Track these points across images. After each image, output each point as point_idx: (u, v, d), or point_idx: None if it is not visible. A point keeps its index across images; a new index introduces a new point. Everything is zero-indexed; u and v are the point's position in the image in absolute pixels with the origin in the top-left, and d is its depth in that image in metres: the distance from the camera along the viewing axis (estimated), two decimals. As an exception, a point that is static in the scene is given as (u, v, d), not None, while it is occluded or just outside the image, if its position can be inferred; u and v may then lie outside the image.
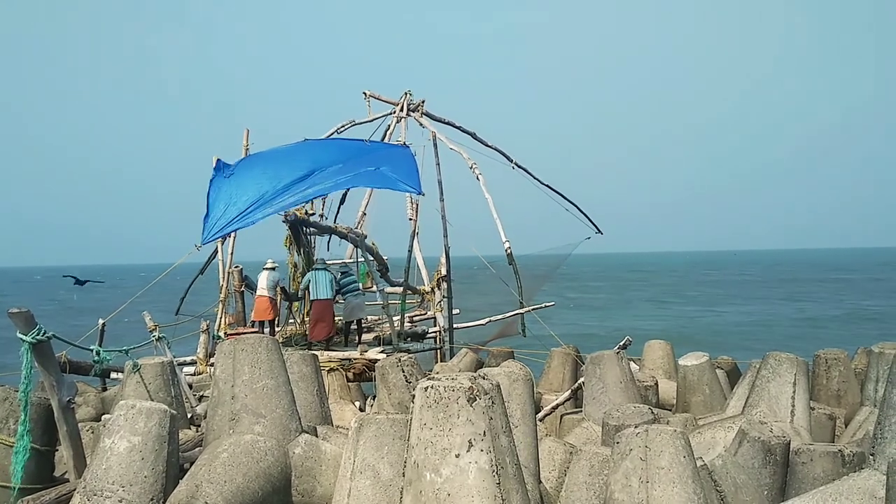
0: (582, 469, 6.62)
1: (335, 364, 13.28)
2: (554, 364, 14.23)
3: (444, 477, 4.59)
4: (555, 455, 7.94)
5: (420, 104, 19.25)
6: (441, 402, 4.71)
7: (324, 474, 6.72)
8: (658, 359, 14.53)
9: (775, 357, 9.40)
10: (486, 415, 4.72)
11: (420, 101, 19.27)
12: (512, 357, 15.13)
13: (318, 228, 16.14)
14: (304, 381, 8.31)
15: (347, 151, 15.37)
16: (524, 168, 19.70)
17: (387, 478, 5.76)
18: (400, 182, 14.30)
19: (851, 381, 12.22)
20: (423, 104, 19.25)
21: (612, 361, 10.23)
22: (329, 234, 16.59)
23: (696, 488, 5.40)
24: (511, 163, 19.58)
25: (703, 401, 11.63)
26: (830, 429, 10.75)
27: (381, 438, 5.90)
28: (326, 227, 16.26)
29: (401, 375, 9.48)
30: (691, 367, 11.78)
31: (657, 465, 5.37)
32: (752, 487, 7.05)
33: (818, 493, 5.52)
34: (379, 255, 17.28)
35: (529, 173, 19.72)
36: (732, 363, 15.20)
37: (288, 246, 15.71)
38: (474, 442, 4.64)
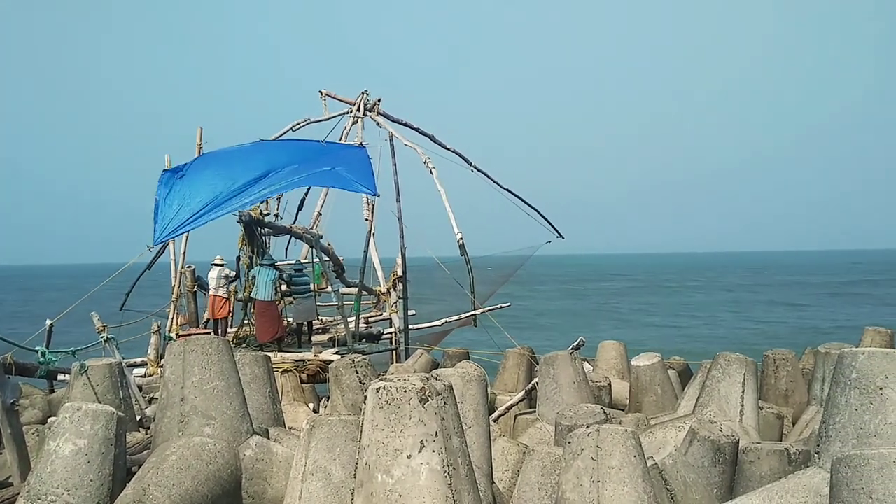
0: (534, 469, 6.64)
1: (289, 365, 13.18)
2: (509, 365, 14.29)
3: (395, 478, 4.57)
4: (508, 455, 7.96)
5: (376, 103, 19.17)
6: (393, 402, 4.68)
7: (275, 476, 6.65)
8: (611, 359, 14.67)
9: (725, 357, 9.56)
10: (438, 416, 4.71)
11: (376, 101, 19.18)
12: (467, 358, 15.17)
13: (273, 228, 15.98)
14: (256, 383, 8.21)
15: (303, 152, 15.26)
16: (483, 171, 19.68)
17: (339, 479, 5.71)
18: (355, 183, 14.25)
19: (799, 380, 12.47)
20: (379, 103, 19.16)
21: (565, 362, 10.30)
22: (284, 234, 16.43)
23: (646, 487, 5.45)
24: (470, 166, 19.55)
25: (655, 401, 11.76)
26: (778, 428, 10.95)
27: (333, 440, 5.84)
28: (281, 227, 16.12)
29: (355, 377, 9.44)
30: (643, 367, 11.91)
31: (608, 464, 5.41)
32: (701, 486, 7.15)
33: (764, 490, 5.60)
34: (335, 255, 17.18)
35: (489, 177, 19.72)
36: (684, 363, 15.42)
37: (242, 246, 15.53)
38: (426, 443, 4.63)
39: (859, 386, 5.41)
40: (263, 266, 14.63)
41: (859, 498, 4.34)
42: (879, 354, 5.50)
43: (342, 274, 17.27)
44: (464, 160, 19.53)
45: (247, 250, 15.34)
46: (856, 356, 5.52)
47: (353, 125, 18.92)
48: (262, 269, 14.56)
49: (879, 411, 5.30)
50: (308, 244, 16.91)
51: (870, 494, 4.32)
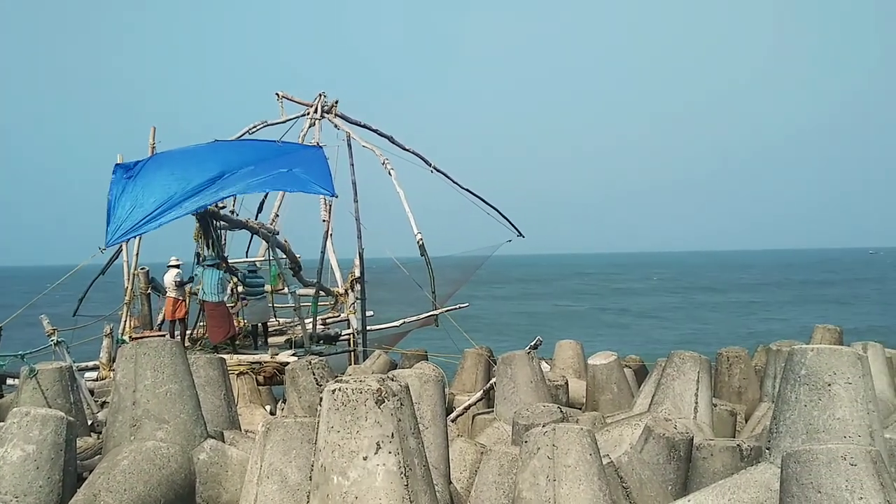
0: (491, 469, 6.66)
1: (245, 368, 13.04)
2: (467, 365, 14.31)
3: (351, 480, 4.54)
4: (466, 455, 7.96)
5: (334, 105, 18.98)
6: (349, 404, 4.66)
7: (230, 480, 6.57)
8: (568, 358, 14.77)
9: (679, 356, 9.68)
10: (394, 416, 4.69)
11: (334, 102, 18.99)
12: (425, 359, 15.16)
13: (229, 222, 15.64)
14: (210, 386, 8.11)
15: (259, 153, 15.09)
16: (443, 172, 19.66)
17: (294, 482, 5.66)
18: (313, 184, 14.12)
19: (752, 378, 12.69)
20: (336, 105, 18.99)
21: (522, 362, 10.34)
22: (240, 228, 16.12)
23: (601, 485, 5.50)
24: (430, 167, 19.51)
25: (611, 399, 11.87)
26: (732, 424, 11.11)
27: (288, 442, 5.80)
28: (237, 221, 15.79)
29: (311, 378, 9.37)
30: (600, 366, 12.02)
31: (564, 463, 5.45)
32: (656, 483, 7.23)
33: (717, 486, 5.69)
34: (292, 252, 16.95)
35: (448, 177, 19.71)
36: (640, 362, 15.59)
37: (197, 239, 15.22)
38: (382, 444, 4.61)
39: (808, 382, 5.52)
40: (209, 266, 14.44)
41: (808, 492, 4.43)
42: (828, 351, 5.62)
43: (299, 272, 17.04)
44: (423, 161, 19.49)
45: (202, 243, 15.07)
46: (805, 353, 5.64)
47: (310, 127, 18.72)
48: (208, 269, 14.37)
49: (828, 407, 5.41)
50: (264, 240, 16.63)
51: (818, 489, 4.41)
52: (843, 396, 5.41)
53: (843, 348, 5.72)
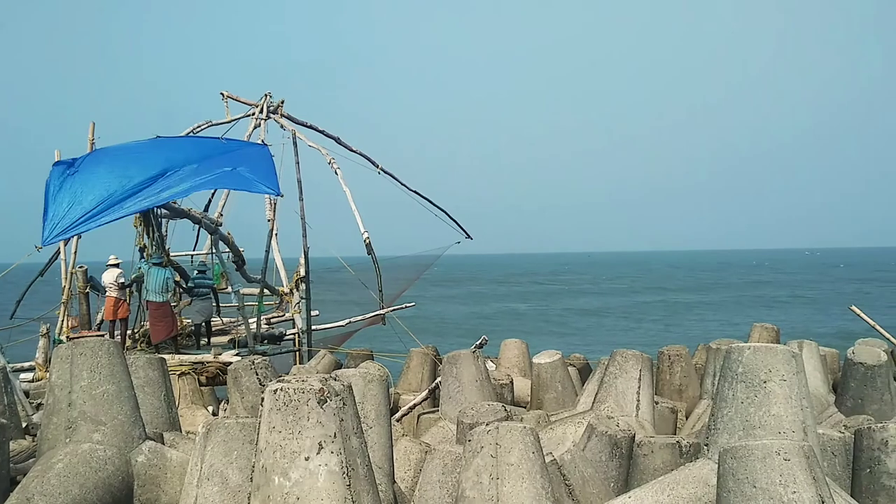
0: (435, 468, 6.67)
1: (187, 368, 12.84)
2: (413, 364, 14.30)
3: (292, 481, 4.50)
4: (410, 455, 7.96)
5: (280, 105, 18.73)
6: (291, 404, 4.61)
7: (169, 482, 6.45)
8: (514, 357, 14.85)
9: (622, 354, 9.82)
10: (336, 416, 4.66)
11: (280, 102, 18.73)
12: (371, 358, 15.10)
13: (171, 211, 15.22)
14: (150, 386, 7.95)
15: (203, 150, 14.82)
16: (390, 174, 19.63)
17: (235, 484, 5.58)
18: (258, 183, 13.93)
19: (692, 375, 12.93)
20: (282, 105, 18.73)
21: (468, 361, 10.37)
22: (182, 217, 15.73)
23: (544, 483, 5.54)
24: (377, 168, 19.45)
25: (555, 397, 11.97)
26: (673, 421, 11.32)
27: (229, 443, 5.71)
28: (179, 210, 15.37)
29: (254, 378, 9.26)
30: (544, 364, 12.11)
31: (507, 461, 5.47)
32: (598, 480, 7.32)
33: (657, 482, 5.78)
34: (235, 246, 16.63)
35: (396, 179, 19.69)
36: (584, 360, 15.77)
37: (138, 227, 14.86)
38: (324, 444, 4.57)
39: (745, 380, 5.64)
40: (154, 265, 14.18)
41: (743, 487, 4.52)
42: (764, 349, 5.74)
43: (242, 266, 16.75)
44: (370, 162, 19.42)
45: (141, 231, 14.69)
46: (742, 351, 5.76)
47: (255, 128, 18.45)
48: (153, 268, 14.11)
49: (763, 404, 5.53)
50: (206, 230, 16.29)
51: (753, 483, 4.50)
52: (778, 393, 5.54)
53: (779, 346, 5.86)
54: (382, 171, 19.43)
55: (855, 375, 10.33)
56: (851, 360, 10.49)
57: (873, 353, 10.50)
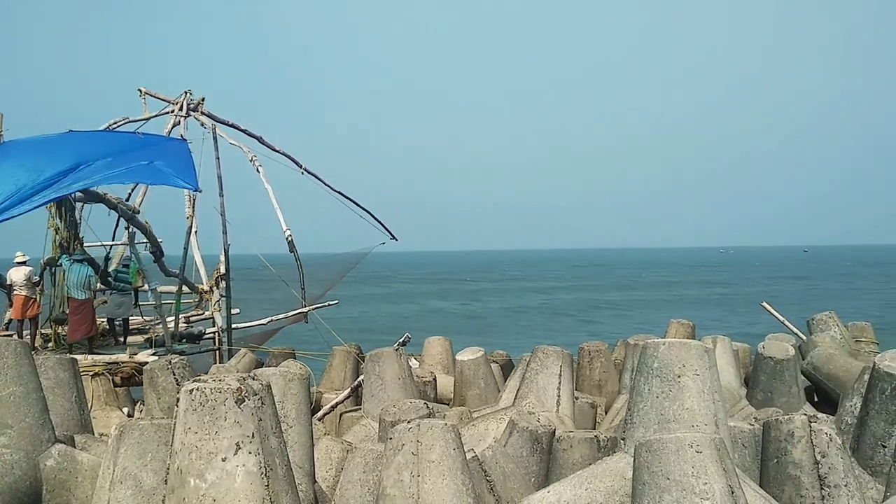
0: (357, 466, 6.63)
1: (100, 368, 12.43)
2: (335, 363, 14.18)
3: (209, 482, 4.41)
4: (332, 454, 7.89)
5: (200, 102, 18.30)
6: (207, 404, 4.52)
7: (80, 486, 6.24)
8: (437, 354, 14.88)
9: (543, 350, 9.93)
10: (255, 416, 4.59)
11: (200, 99, 18.30)
12: (293, 357, 14.92)
13: (86, 194, 14.69)
14: (60, 388, 7.68)
15: (117, 144, 14.42)
16: (314, 174, 19.45)
17: (150, 486, 5.45)
18: (175, 178, 13.61)
19: (611, 371, 13.20)
20: (203, 102, 18.31)
21: (390, 358, 10.35)
22: (97, 202, 15.15)
23: (464, 480, 5.56)
24: (300, 168, 19.26)
25: (478, 394, 12.04)
26: (592, 416, 11.52)
27: (144, 445, 5.57)
28: (94, 194, 14.79)
29: (171, 378, 9.03)
30: (467, 361, 12.16)
31: (428, 458, 5.48)
32: (519, 475, 7.39)
33: (575, 477, 5.87)
34: (153, 235, 16.13)
35: (320, 179, 19.52)
36: (507, 357, 15.90)
37: (51, 209, 14.29)
38: (242, 444, 4.50)
39: (660, 374, 5.77)
40: (76, 261, 13.74)
41: (657, 479, 4.62)
42: (678, 345, 5.89)
43: (161, 258, 16.29)
44: (294, 162, 19.22)
45: (53, 214, 14.13)
46: (657, 347, 5.90)
47: (174, 125, 17.99)
48: (75, 264, 13.68)
49: (678, 398, 5.67)
50: (123, 217, 15.71)
51: (667, 475, 4.61)
52: (691, 388, 5.69)
53: (692, 342, 6.02)
54: (306, 172, 19.26)
55: (765, 369, 10.69)
56: (761, 354, 10.86)
57: (782, 347, 10.90)
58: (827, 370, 11.76)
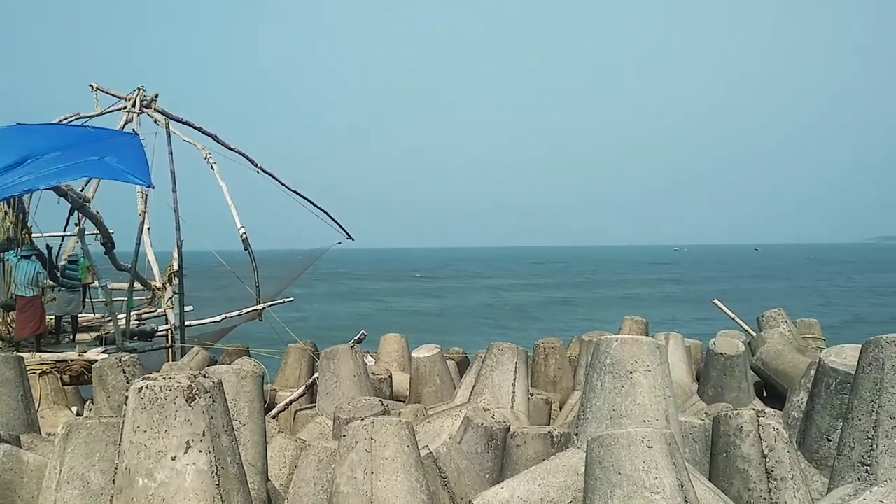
0: (310, 464, 6.59)
1: (48, 367, 12.18)
2: (290, 360, 14.09)
3: (158, 482, 4.35)
4: (286, 452, 7.83)
5: (153, 99, 17.97)
6: (157, 402, 4.45)
7: (25, 487, 6.10)
8: (393, 352, 14.85)
9: (498, 347, 9.97)
10: (206, 414, 4.53)
11: (154, 96, 17.97)
12: (247, 354, 14.77)
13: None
14: (5, 386, 7.50)
15: (68, 138, 14.06)
16: (270, 173, 19.29)
17: (98, 486, 5.35)
18: (127, 173, 13.34)
19: (566, 367, 13.30)
20: (156, 99, 17.99)
21: (346, 356, 10.30)
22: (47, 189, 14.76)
23: (418, 476, 5.57)
24: (256, 167, 19.08)
25: (434, 391, 12.04)
26: (547, 412, 11.59)
27: (91, 445, 5.46)
28: None
29: (122, 377, 8.87)
30: (423, 358, 12.15)
31: (382, 455, 5.47)
32: (474, 471, 7.41)
33: (529, 472, 5.91)
34: (104, 226, 15.76)
35: (276, 178, 19.37)
36: (463, 354, 15.92)
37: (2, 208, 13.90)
38: (192, 443, 4.44)
39: (613, 371, 5.84)
40: (23, 257, 13.43)
41: (609, 474, 4.67)
42: (630, 341, 5.96)
43: (112, 250, 15.96)
44: (249, 161, 19.03)
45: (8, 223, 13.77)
46: (610, 343, 5.96)
47: (127, 123, 17.65)
48: (23, 260, 13.37)
49: (629, 393, 5.75)
50: (74, 205, 15.38)
51: (618, 470, 4.66)
52: (643, 383, 5.76)
53: (644, 338, 6.09)
54: (261, 171, 19.10)
55: (715, 365, 10.87)
56: (712, 350, 11.03)
57: (732, 344, 11.08)
58: (775, 366, 11.99)
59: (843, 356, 7.46)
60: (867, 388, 4.57)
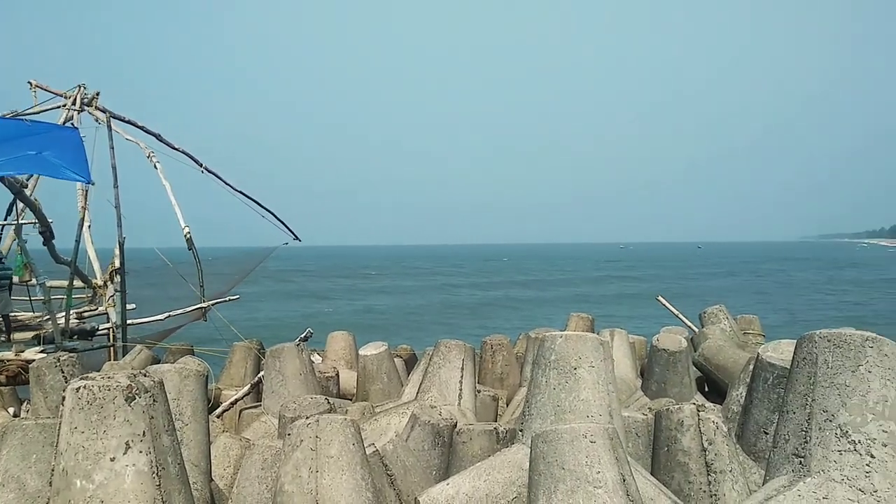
0: (254, 463, 6.52)
1: (-17, 367, 11.85)
2: (236, 359, 13.92)
3: (96, 483, 4.26)
4: (230, 451, 7.76)
5: (94, 97, 17.58)
6: (95, 402, 4.36)
7: (-42, 491, 5.93)
8: (340, 349, 14.79)
9: (445, 344, 10.00)
10: (146, 414, 4.46)
11: (95, 94, 17.58)
12: (191, 353, 14.55)
13: None
14: (-62, 388, 7.29)
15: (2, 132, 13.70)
16: (214, 173, 19.05)
17: (34, 489, 5.23)
18: (66, 169, 13.04)
19: (513, 364, 13.38)
20: (97, 97, 17.59)
21: (291, 354, 10.22)
22: None
23: (364, 474, 5.55)
24: (200, 167, 18.82)
25: (381, 389, 12.03)
26: (494, 409, 11.66)
27: (28, 446, 5.33)
28: None
29: (60, 377, 8.65)
30: (370, 356, 12.14)
31: (327, 454, 5.44)
32: (420, 468, 7.42)
33: (474, 469, 5.94)
34: (42, 214, 15.34)
35: (220, 178, 19.12)
36: (410, 351, 15.93)
37: None
38: (132, 443, 4.37)
39: (557, 367, 5.90)
40: None
41: (553, 469, 4.72)
42: (574, 337, 6.03)
43: (51, 239, 15.57)
44: (194, 161, 18.77)
45: None
46: (555, 340, 6.02)
47: (67, 120, 17.24)
48: None
49: (574, 389, 5.81)
50: (10, 190, 14.91)
51: (562, 465, 4.71)
52: (587, 379, 5.83)
53: (588, 335, 6.16)
54: (206, 171, 18.86)
55: (659, 361, 11.04)
56: (656, 346, 11.21)
57: (675, 339, 11.27)
58: (716, 361, 12.24)
59: (779, 351, 7.65)
60: (801, 383, 4.69)
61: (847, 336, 4.63)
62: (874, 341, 4.57)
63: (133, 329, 15.87)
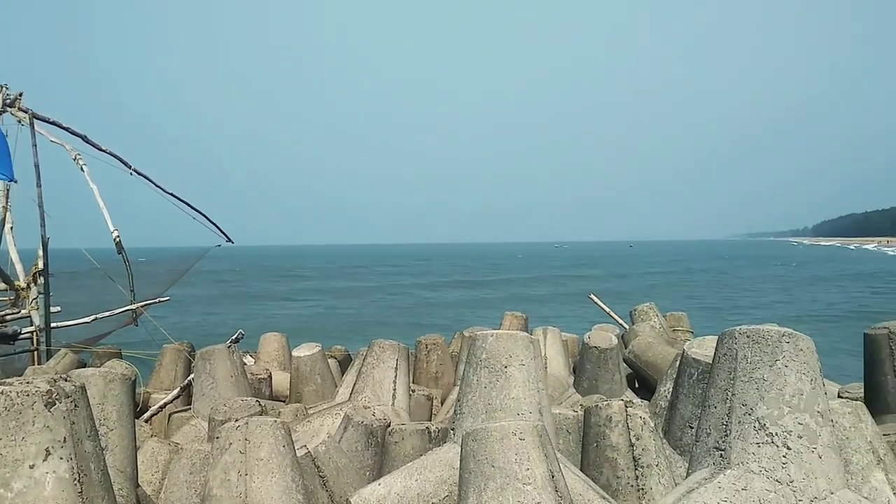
0: (183, 468, 6.42)
1: None
2: (165, 362, 13.65)
3: (15, 492, 4.14)
4: (158, 456, 7.61)
5: (18, 98, 17.00)
6: (13, 408, 4.23)
7: None
8: (273, 351, 14.64)
9: (379, 344, 9.99)
10: (67, 419, 4.34)
11: (18, 94, 17.01)
12: (119, 357, 14.22)
13: None
14: None
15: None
16: (144, 175, 18.64)
17: (-51, 500, 5.04)
18: None
19: (448, 363, 13.45)
20: (21, 97, 17.01)
21: (222, 356, 10.08)
22: None
23: (294, 476, 5.52)
24: (129, 169, 18.42)
25: (315, 390, 11.95)
26: (428, 408, 11.70)
27: (-58, 456, 5.14)
28: None
29: (-21, 382, 8.38)
30: (304, 357, 12.05)
31: (256, 456, 5.39)
32: (353, 469, 7.40)
33: (405, 468, 5.95)
34: None
35: (150, 180, 18.72)
36: (344, 352, 15.85)
37: None
38: (52, 450, 4.25)
39: (488, 365, 5.95)
40: None
41: (483, 467, 4.76)
42: (505, 336, 6.09)
43: None
44: (122, 163, 18.34)
45: None
46: (486, 338, 6.07)
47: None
48: None
49: (504, 387, 5.87)
50: None
51: (492, 463, 4.76)
52: (517, 377, 5.90)
53: (519, 333, 6.23)
54: (135, 173, 18.46)
55: (590, 358, 11.23)
56: (587, 344, 11.39)
57: (606, 337, 11.47)
58: (646, 358, 12.50)
59: (704, 347, 7.86)
60: (722, 377, 4.83)
61: (765, 332, 4.79)
62: (791, 337, 4.73)
63: (59, 333, 15.45)
